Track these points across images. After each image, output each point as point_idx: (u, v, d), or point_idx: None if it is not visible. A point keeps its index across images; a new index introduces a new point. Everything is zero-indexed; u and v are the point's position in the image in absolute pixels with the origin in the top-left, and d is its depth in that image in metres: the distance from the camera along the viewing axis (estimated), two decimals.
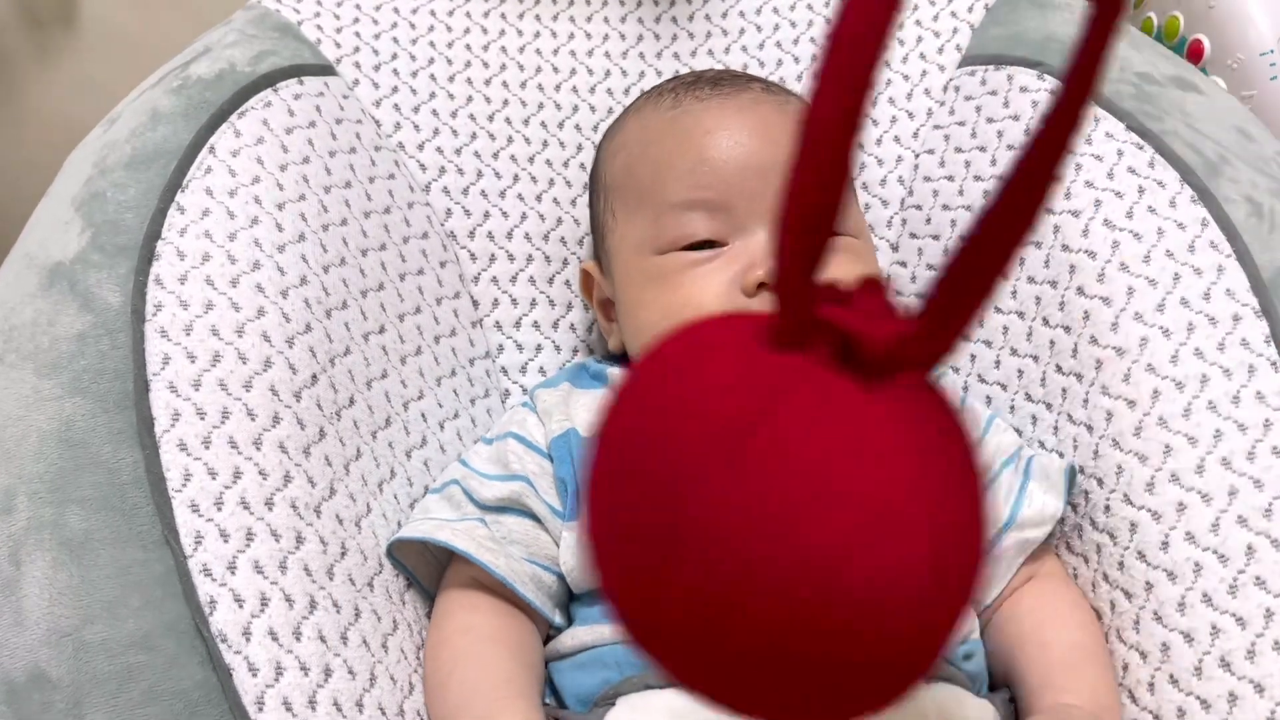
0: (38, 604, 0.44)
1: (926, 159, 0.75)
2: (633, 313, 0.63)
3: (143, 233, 0.54)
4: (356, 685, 0.48)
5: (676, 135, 0.63)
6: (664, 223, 0.61)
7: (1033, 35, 0.73)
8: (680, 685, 0.25)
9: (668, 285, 0.60)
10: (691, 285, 0.59)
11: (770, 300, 0.25)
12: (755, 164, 0.60)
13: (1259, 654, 0.50)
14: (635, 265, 0.62)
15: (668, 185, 0.61)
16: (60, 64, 1.26)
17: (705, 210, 0.60)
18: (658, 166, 0.62)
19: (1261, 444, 0.52)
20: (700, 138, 0.62)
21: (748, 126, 0.62)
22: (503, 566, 0.55)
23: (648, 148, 0.64)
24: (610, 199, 0.66)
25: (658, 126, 0.65)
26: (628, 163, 0.65)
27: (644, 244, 0.62)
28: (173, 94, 0.61)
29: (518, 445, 0.60)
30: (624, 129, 0.68)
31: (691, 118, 0.63)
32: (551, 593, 0.57)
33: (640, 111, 0.68)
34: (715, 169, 0.61)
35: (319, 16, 0.72)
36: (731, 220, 0.60)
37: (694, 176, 0.61)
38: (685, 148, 0.62)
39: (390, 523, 0.57)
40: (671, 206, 0.61)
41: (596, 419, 0.27)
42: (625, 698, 0.49)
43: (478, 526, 0.57)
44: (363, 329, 0.61)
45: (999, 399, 0.65)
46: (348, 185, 0.65)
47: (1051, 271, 0.63)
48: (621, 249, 0.64)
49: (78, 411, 0.48)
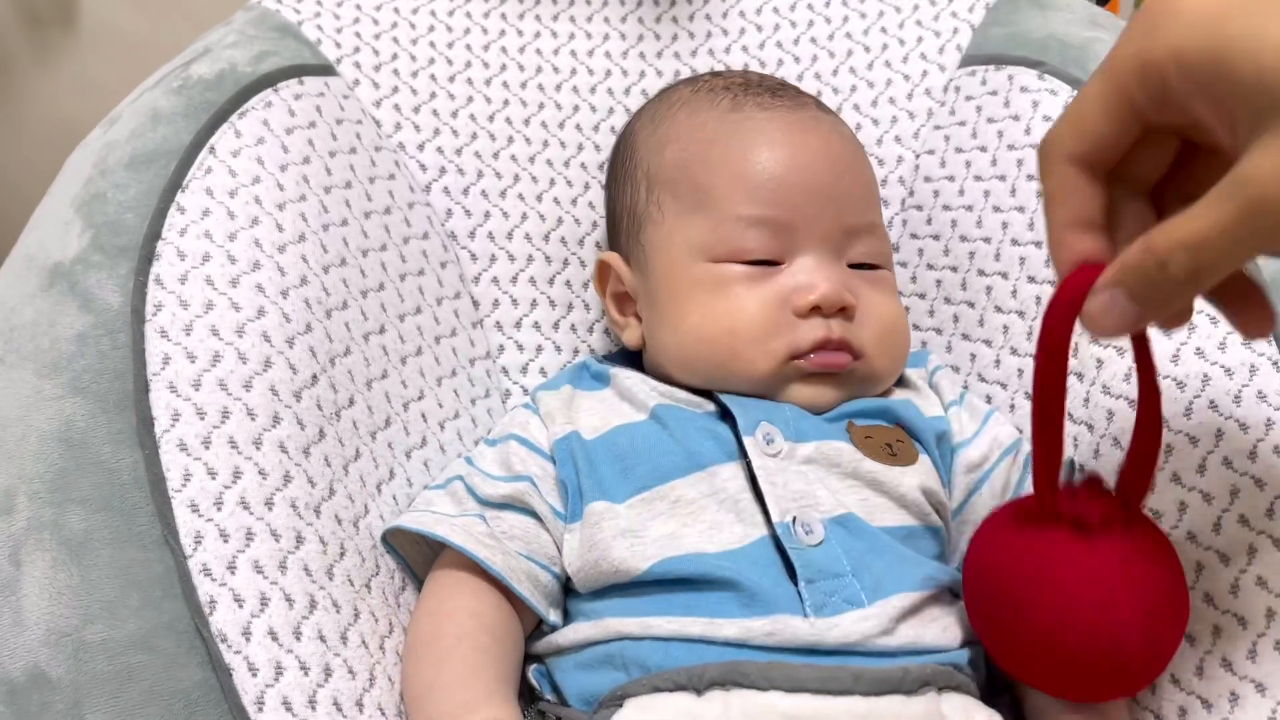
0: (37, 604, 0.44)
1: (927, 159, 0.75)
2: (675, 313, 0.62)
3: (143, 233, 0.54)
4: (356, 685, 0.48)
5: (742, 142, 0.63)
6: (724, 233, 0.61)
7: (1033, 35, 0.73)
8: (1027, 683, 0.52)
9: (721, 294, 0.60)
10: (745, 298, 0.59)
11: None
12: (820, 188, 0.61)
13: (1261, 654, 0.50)
14: (684, 268, 0.62)
15: (733, 195, 0.61)
16: (60, 64, 1.26)
17: (768, 228, 0.60)
18: (721, 172, 0.62)
19: (1263, 443, 0.52)
20: (769, 151, 0.62)
21: (814, 148, 0.62)
22: (499, 563, 0.55)
23: (709, 147, 0.63)
24: (658, 191, 0.65)
25: (718, 127, 0.64)
26: (683, 159, 0.64)
27: (699, 249, 0.61)
28: (173, 94, 0.61)
29: (520, 448, 0.60)
30: (672, 121, 0.67)
31: (756, 126, 0.63)
32: (547, 591, 0.57)
33: (691, 106, 0.67)
34: (783, 188, 0.61)
35: (319, 17, 0.72)
36: (791, 241, 0.60)
37: (762, 192, 0.61)
38: (753, 159, 0.62)
39: (387, 524, 0.57)
40: (735, 218, 0.61)
41: (969, 558, 0.51)
42: (634, 699, 0.49)
43: (476, 523, 0.57)
44: (363, 329, 0.61)
45: (999, 397, 0.65)
46: (348, 185, 0.65)
47: (1052, 271, 0.63)
48: (669, 247, 0.63)
49: (78, 412, 0.48)
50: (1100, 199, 0.42)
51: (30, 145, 1.26)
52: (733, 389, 0.60)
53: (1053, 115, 0.68)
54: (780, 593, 0.51)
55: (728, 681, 0.48)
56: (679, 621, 0.51)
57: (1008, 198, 0.68)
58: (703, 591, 0.52)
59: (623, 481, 0.57)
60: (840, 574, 0.52)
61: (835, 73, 0.80)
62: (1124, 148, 0.41)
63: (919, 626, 0.52)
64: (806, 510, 0.54)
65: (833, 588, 0.51)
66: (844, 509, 0.55)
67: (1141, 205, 0.43)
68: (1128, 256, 0.39)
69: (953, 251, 0.71)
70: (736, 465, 0.56)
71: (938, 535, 0.58)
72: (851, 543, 0.53)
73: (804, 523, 0.53)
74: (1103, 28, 0.72)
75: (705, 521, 0.55)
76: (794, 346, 0.59)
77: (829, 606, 0.51)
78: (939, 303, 0.71)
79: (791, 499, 0.54)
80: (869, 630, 0.50)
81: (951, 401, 0.63)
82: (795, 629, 0.50)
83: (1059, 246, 0.43)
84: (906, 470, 0.58)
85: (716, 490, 0.55)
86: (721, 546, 0.54)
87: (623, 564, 0.54)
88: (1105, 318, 0.40)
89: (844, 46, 0.80)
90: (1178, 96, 0.38)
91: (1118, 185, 0.42)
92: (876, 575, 0.52)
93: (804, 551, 0.52)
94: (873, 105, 0.78)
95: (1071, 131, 0.41)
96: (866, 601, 0.51)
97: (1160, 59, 0.37)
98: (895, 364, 0.63)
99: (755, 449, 0.56)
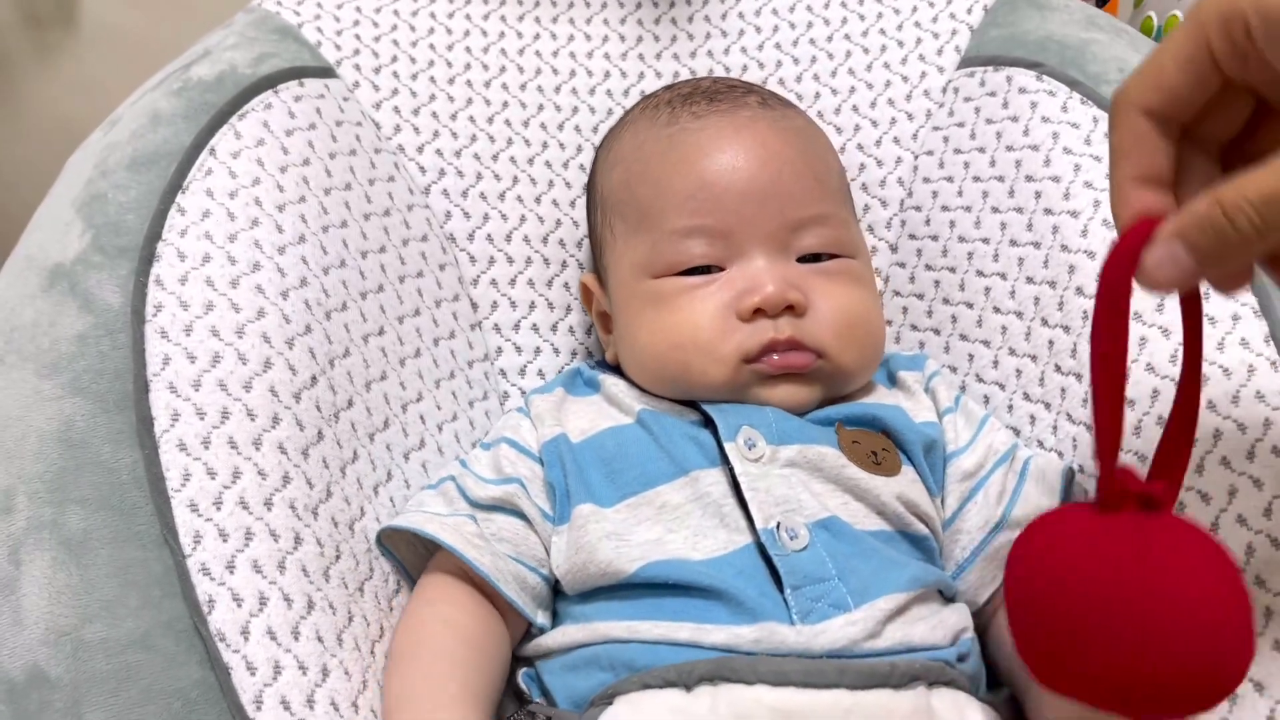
0: (37, 603, 0.44)
1: (925, 160, 0.75)
2: (630, 333, 0.63)
3: (143, 234, 0.54)
4: (352, 686, 0.48)
5: (673, 158, 0.62)
6: (662, 248, 0.61)
7: (1031, 36, 0.73)
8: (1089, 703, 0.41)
9: (665, 308, 0.60)
10: (688, 309, 0.59)
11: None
12: (754, 189, 0.60)
13: (1259, 653, 0.50)
14: (631, 287, 0.62)
15: (666, 211, 0.61)
16: (60, 64, 1.26)
17: (704, 236, 0.60)
18: (656, 189, 0.62)
19: (1261, 443, 0.52)
20: (698, 161, 0.61)
21: (745, 148, 0.61)
22: (488, 564, 0.55)
23: (646, 166, 0.64)
24: (609, 215, 0.66)
25: (654, 146, 0.64)
26: (625, 179, 0.65)
27: (641, 267, 0.62)
28: (173, 96, 0.61)
29: (510, 450, 0.60)
30: (620, 141, 0.67)
31: (689, 138, 0.63)
32: (535, 594, 0.57)
33: (635, 125, 0.67)
34: (714, 196, 0.60)
35: (319, 19, 0.72)
36: (729, 245, 0.60)
37: (693, 203, 0.60)
38: (683, 172, 0.61)
39: (382, 526, 0.57)
40: (670, 233, 0.61)
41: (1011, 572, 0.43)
42: (624, 696, 0.49)
43: (467, 523, 0.57)
44: (362, 331, 0.61)
45: (997, 398, 0.65)
46: (348, 187, 0.65)
47: (1050, 272, 0.63)
48: (618, 268, 0.64)
49: (78, 412, 0.48)
50: (1169, 154, 0.41)
51: (30, 145, 1.27)
52: (703, 398, 0.60)
53: (1051, 116, 0.68)
54: (766, 601, 0.51)
55: (716, 677, 0.48)
56: (666, 626, 0.51)
57: (1006, 199, 0.68)
58: (690, 598, 0.52)
59: (609, 486, 0.57)
60: (825, 578, 0.52)
61: (834, 74, 0.80)
62: (1199, 103, 0.40)
63: (906, 626, 0.51)
64: (790, 515, 0.54)
65: (818, 592, 0.51)
66: (827, 512, 0.55)
67: (1209, 164, 0.42)
68: (1192, 208, 0.38)
69: (951, 252, 0.71)
70: (719, 471, 0.56)
71: (921, 543, 0.58)
72: (836, 546, 0.53)
73: (788, 528, 0.53)
74: (1100, 29, 0.72)
75: (690, 528, 0.55)
76: (743, 351, 0.58)
77: (815, 612, 0.51)
78: (937, 303, 0.71)
79: (775, 504, 0.54)
80: (856, 635, 0.50)
81: (947, 408, 0.63)
82: (783, 636, 0.50)
83: (1121, 201, 0.41)
84: (889, 480, 0.57)
85: (700, 496, 0.55)
86: (706, 554, 0.53)
87: (610, 565, 0.54)
88: (1161, 270, 0.39)
89: (843, 48, 0.81)
90: (1258, 49, 0.37)
91: (1187, 143, 0.41)
92: (863, 578, 0.52)
93: (788, 557, 0.52)
94: (871, 106, 0.78)
95: (1148, 83, 0.40)
96: (853, 605, 0.51)
97: (1242, 8, 0.37)
98: (864, 355, 0.61)
99: (737, 454, 0.56)
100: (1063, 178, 0.65)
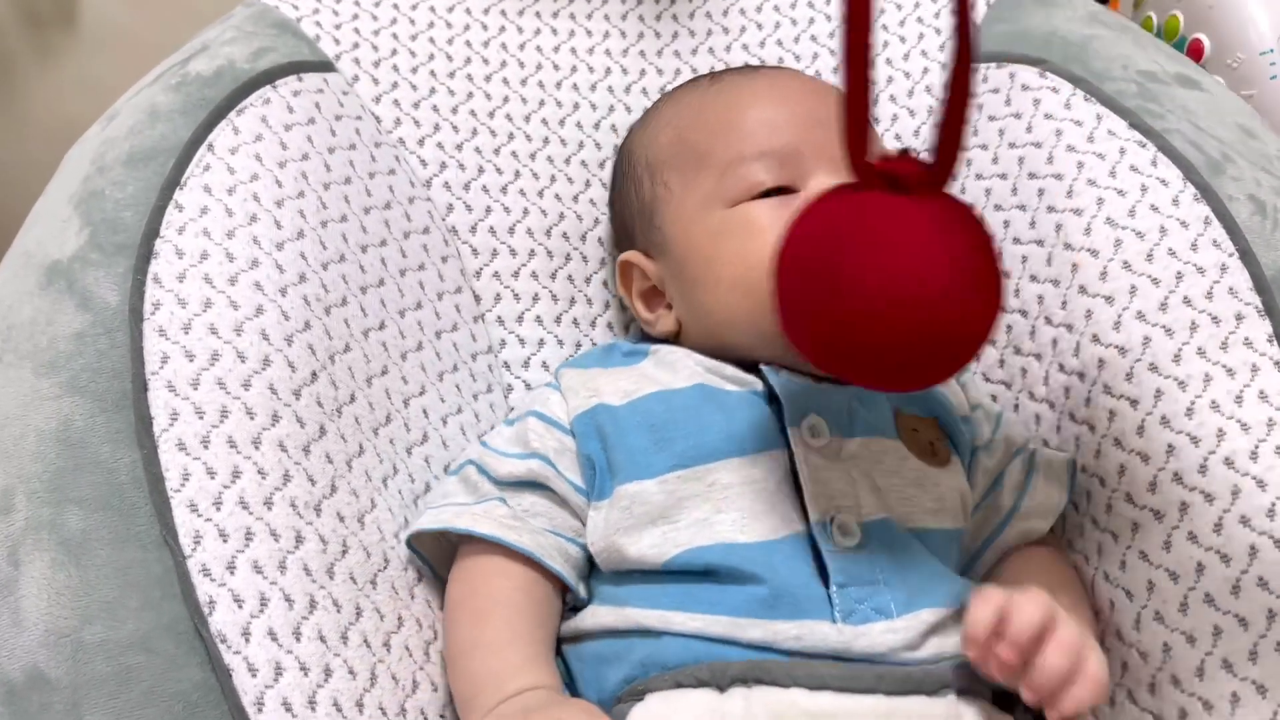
0: (36, 604, 0.44)
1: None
2: (708, 273, 0.61)
3: (141, 231, 0.54)
4: (357, 685, 0.48)
5: (729, 100, 0.64)
6: (732, 176, 0.61)
7: (1035, 32, 0.72)
8: (827, 367, 0.47)
9: (745, 234, 0.59)
10: (770, 231, 0.54)
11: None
12: (818, 117, 0.60)
13: (1262, 655, 0.50)
14: (703, 224, 0.61)
15: (731, 142, 0.62)
16: (60, 64, 1.26)
17: (776, 159, 0.60)
18: (717, 128, 0.63)
19: (1265, 444, 0.52)
20: (759, 96, 0.64)
21: (799, 86, 0.65)
22: (528, 542, 0.54)
23: (698, 114, 0.65)
24: (661, 174, 0.65)
25: (705, 99, 0.65)
26: (678, 134, 0.65)
27: (711, 201, 0.61)
28: (171, 91, 0.61)
29: (538, 423, 0.59)
30: (658, 114, 0.69)
31: (741, 88, 0.65)
32: (576, 564, 0.56)
33: (673, 97, 0.69)
34: (782, 120, 0.62)
35: (318, 13, 0.72)
36: (800, 167, 0.60)
37: (762, 128, 0.61)
38: (744, 106, 0.63)
39: (396, 517, 0.57)
40: (740, 159, 0.61)
41: (780, 240, 0.47)
42: (656, 693, 0.49)
43: (497, 506, 0.56)
44: (363, 325, 0.61)
45: (1003, 398, 0.65)
46: (347, 181, 0.65)
47: (1054, 270, 0.63)
48: (681, 216, 0.63)
49: (76, 411, 0.48)
50: None
51: (30, 144, 1.26)
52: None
53: (1054, 113, 0.67)
54: (809, 595, 0.51)
55: (750, 678, 0.48)
56: (702, 619, 0.51)
57: (1009, 196, 0.68)
58: (726, 585, 0.52)
59: (657, 454, 0.55)
60: (873, 581, 0.51)
61: (836, 70, 0.80)
62: None
63: (943, 639, 0.51)
64: (845, 511, 0.53)
65: (864, 594, 0.51)
66: (883, 512, 0.54)
67: None
68: None
69: None
70: (778, 455, 0.55)
71: (961, 538, 0.58)
72: (887, 549, 0.53)
73: (841, 524, 0.53)
74: (1104, 25, 0.72)
75: (740, 509, 0.53)
76: None
77: (858, 614, 0.50)
78: None
79: (831, 498, 0.53)
80: (895, 643, 0.50)
81: (976, 404, 0.63)
82: (823, 634, 0.49)
83: None
84: (943, 472, 0.57)
85: (755, 480, 0.54)
86: (754, 538, 0.53)
87: (652, 548, 0.53)
88: None
89: None
90: None
91: None
92: (910, 588, 0.52)
93: (839, 555, 0.52)
94: (873, 103, 0.78)
95: None
96: (896, 613, 0.51)
97: None
98: None
99: (799, 441, 0.55)
100: (1066, 175, 0.64)
